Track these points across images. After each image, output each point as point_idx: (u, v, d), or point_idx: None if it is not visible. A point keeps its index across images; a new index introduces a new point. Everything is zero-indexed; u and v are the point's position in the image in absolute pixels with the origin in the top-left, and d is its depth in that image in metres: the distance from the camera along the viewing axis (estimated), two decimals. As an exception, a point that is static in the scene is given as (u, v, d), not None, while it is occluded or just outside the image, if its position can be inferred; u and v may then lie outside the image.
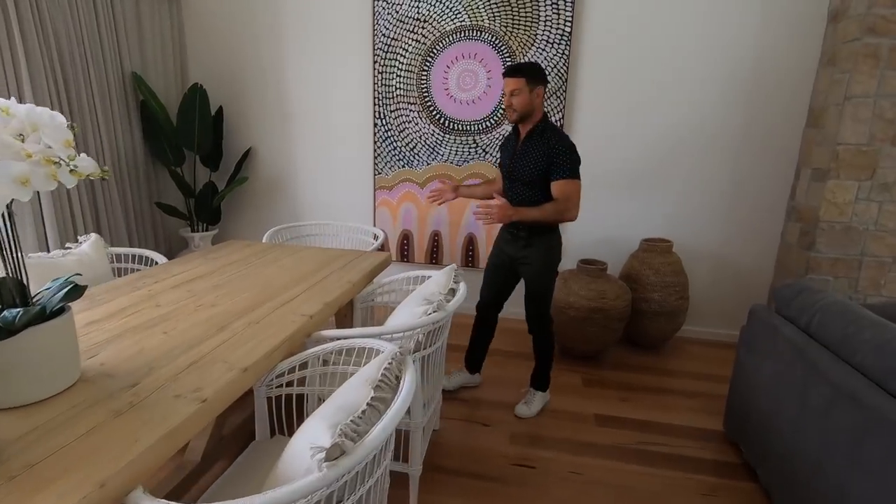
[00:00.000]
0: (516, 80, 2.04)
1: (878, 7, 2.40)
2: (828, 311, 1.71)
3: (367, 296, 2.17)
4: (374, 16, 3.19)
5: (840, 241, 2.68)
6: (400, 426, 1.62)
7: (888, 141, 2.53)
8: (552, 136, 2.08)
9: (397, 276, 2.17)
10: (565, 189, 2.05)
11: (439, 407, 2.14)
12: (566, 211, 2.08)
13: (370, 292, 2.16)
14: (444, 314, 1.59)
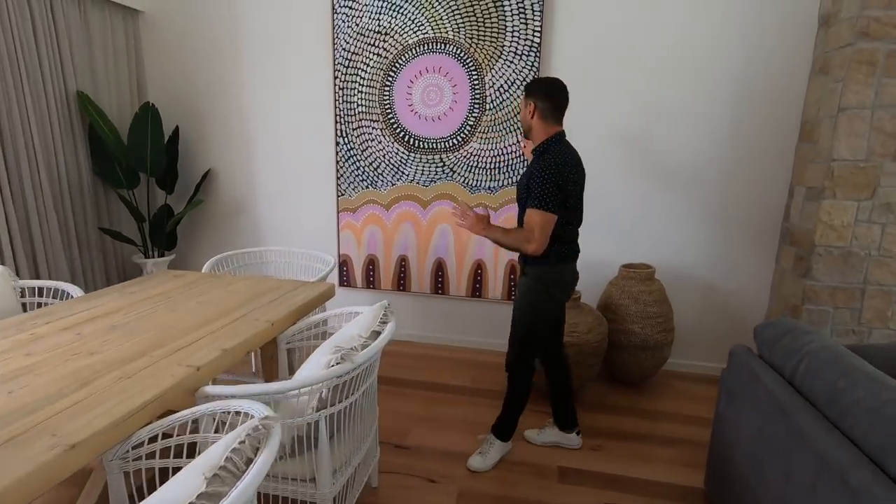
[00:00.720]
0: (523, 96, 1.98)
1: (871, 9, 2.16)
2: (816, 358, 1.44)
3: (296, 334, 1.93)
4: (333, 29, 3.02)
5: (839, 267, 2.39)
6: (304, 496, 1.38)
7: (889, 156, 2.26)
8: (544, 159, 1.85)
9: (326, 314, 1.93)
10: (530, 219, 1.84)
11: (376, 463, 1.88)
12: (525, 241, 1.85)
13: (299, 331, 1.92)
14: (351, 366, 1.35)
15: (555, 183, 1.79)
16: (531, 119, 1.91)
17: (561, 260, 1.94)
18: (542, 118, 1.89)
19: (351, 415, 1.51)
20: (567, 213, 1.88)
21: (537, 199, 1.81)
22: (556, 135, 1.90)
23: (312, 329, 1.93)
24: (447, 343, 3.30)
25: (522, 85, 2.85)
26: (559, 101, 1.90)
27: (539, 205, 1.81)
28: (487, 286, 3.17)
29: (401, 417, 2.43)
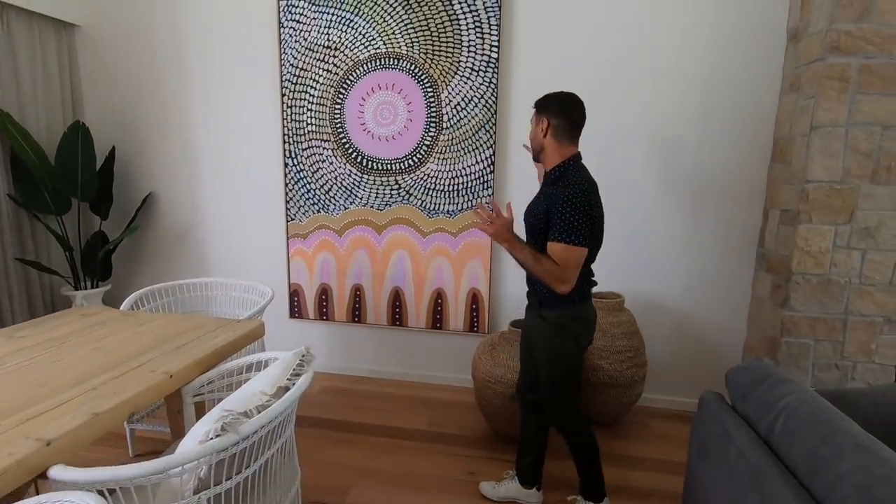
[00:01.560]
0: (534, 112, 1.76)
1: (840, 22, 2.03)
2: (794, 415, 1.23)
3: (208, 384, 1.67)
4: (280, 44, 2.83)
5: (818, 296, 2.21)
6: None
7: (866, 177, 2.11)
8: (559, 184, 1.65)
9: (237, 363, 1.68)
10: (563, 255, 1.60)
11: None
12: (560, 280, 1.61)
13: (209, 380, 1.66)
14: (235, 439, 1.10)
15: (584, 212, 1.58)
16: (543, 138, 1.70)
17: (584, 297, 1.73)
18: (555, 137, 1.68)
19: (249, 489, 1.26)
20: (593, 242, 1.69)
21: (565, 232, 1.58)
22: (574, 157, 1.70)
23: (225, 379, 1.67)
24: (405, 379, 3.05)
25: (481, 102, 2.68)
26: (576, 117, 1.68)
27: (567, 238, 1.58)
28: (448, 317, 2.94)
29: (342, 470, 2.17)
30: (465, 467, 2.21)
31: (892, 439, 1.33)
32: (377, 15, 2.70)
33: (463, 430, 2.51)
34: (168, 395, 1.63)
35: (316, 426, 2.53)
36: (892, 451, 1.03)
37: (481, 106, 2.69)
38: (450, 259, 2.87)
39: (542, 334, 1.76)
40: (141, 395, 1.38)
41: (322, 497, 1.99)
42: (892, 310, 2.17)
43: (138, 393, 1.38)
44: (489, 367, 2.32)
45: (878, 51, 2.01)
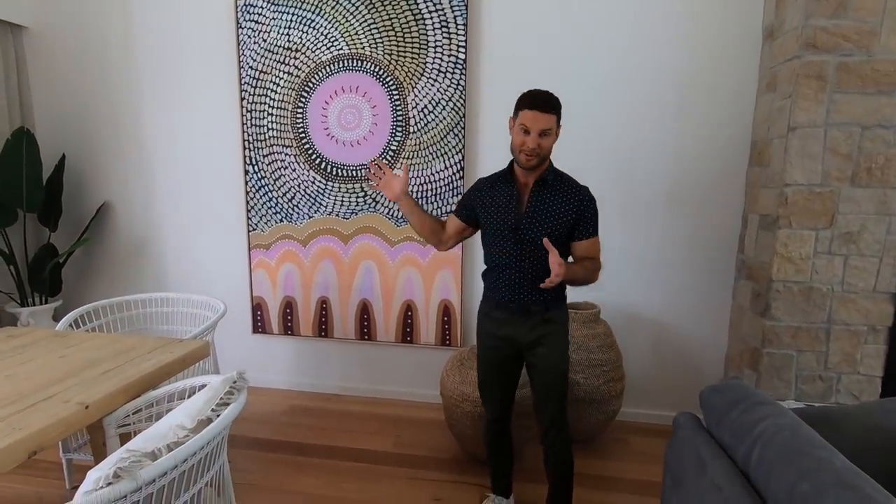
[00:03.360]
0: (549, 118, 1.53)
1: (815, 17, 1.94)
2: (771, 443, 1.10)
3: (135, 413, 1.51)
4: (238, 45, 2.69)
5: (800, 305, 2.11)
6: None
7: (847, 180, 2.01)
8: (571, 183, 1.65)
9: (168, 388, 1.53)
10: (595, 247, 1.68)
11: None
12: (595, 271, 1.65)
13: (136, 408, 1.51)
14: (132, 487, 0.95)
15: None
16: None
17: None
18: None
19: (161, 540, 1.10)
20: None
21: (596, 225, 1.67)
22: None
23: (154, 407, 1.52)
24: (373, 395, 2.90)
25: (449, 105, 2.56)
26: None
27: (596, 231, 1.67)
28: (419, 330, 2.80)
29: (296, 500, 2.01)
30: (430, 493, 2.06)
31: (879, 466, 1.21)
32: (339, 15, 2.58)
33: (431, 451, 2.36)
34: (91, 427, 1.48)
35: (276, 450, 2.37)
36: (878, 488, 0.91)
37: (449, 109, 2.57)
38: (419, 269, 2.74)
39: (556, 338, 1.68)
40: (46, 431, 1.22)
41: (272, 531, 1.84)
42: (876, 318, 2.07)
43: (47, 426, 1.22)
44: (457, 384, 2.18)
45: (856, 47, 1.93)
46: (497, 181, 1.71)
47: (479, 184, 1.76)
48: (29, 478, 2.13)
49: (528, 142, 1.53)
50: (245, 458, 2.27)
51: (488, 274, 1.73)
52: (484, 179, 1.76)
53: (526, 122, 1.52)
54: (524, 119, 1.53)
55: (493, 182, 1.72)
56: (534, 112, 1.51)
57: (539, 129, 1.52)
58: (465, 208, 1.77)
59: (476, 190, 1.75)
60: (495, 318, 1.71)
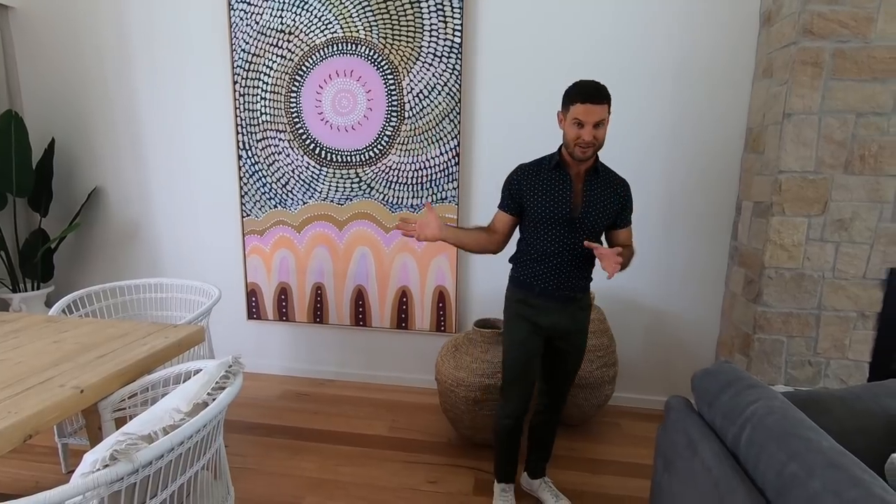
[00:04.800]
0: (601, 108, 1.54)
1: (813, 3, 1.93)
2: (761, 425, 1.12)
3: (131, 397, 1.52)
4: (230, 28, 2.65)
5: (791, 291, 2.13)
6: None
7: (840, 167, 2.02)
8: (614, 174, 1.74)
9: (164, 373, 1.53)
10: (630, 235, 1.81)
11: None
12: (633, 256, 1.79)
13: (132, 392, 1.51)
14: (129, 469, 0.95)
15: None
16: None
17: None
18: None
19: (158, 521, 1.11)
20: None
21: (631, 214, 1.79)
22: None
23: (150, 391, 1.52)
24: (368, 381, 2.92)
25: (444, 90, 2.54)
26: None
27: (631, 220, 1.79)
28: (414, 316, 2.81)
29: (295, 482, 2.03)
30: (425, 476, 2.09)
31: (867, 448, 1.24)
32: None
33: (426, 435, 2.38)
34: (86, 410, 1.48)
35: (271, 434, 2.38)
36: (866, 469, 0.93)
37: (445, 94, 2.55)
38: (414, 256, 2.74)
39: (586, 324, 1.78)
40: (42, 415, 1.22)
41: (269, 513, 1.86)
42: (865, 304, 2.10)
43: (41, 410, 1.22)
44: (452, 370, 2.19)
45: (852, 34, 1.93)
46: (543, 169, 1.67)
47: (521, 172, 1.69)
48: (25, 462, 2.13)
49: (584, 135, 1.53)
50: (241, 443, 2.28)
51: (528, 262, 1.69)
52: (526, 166, 1.70)
53: (579, 116, 1.53)
54: (577, 113, 1.53)
55: (539, 170, 1.67)
56: (586, 105, 1.52)
57: (593, 121, 1.52)
58: (512, 200, 1.69)
59: (521, 179, 1.68)
60: (535, 305, 1.68)
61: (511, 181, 1.70)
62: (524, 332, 1.70)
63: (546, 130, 2.52)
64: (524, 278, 1.71)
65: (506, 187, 1.71)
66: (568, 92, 1.58)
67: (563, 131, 1.61)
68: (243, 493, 1.93)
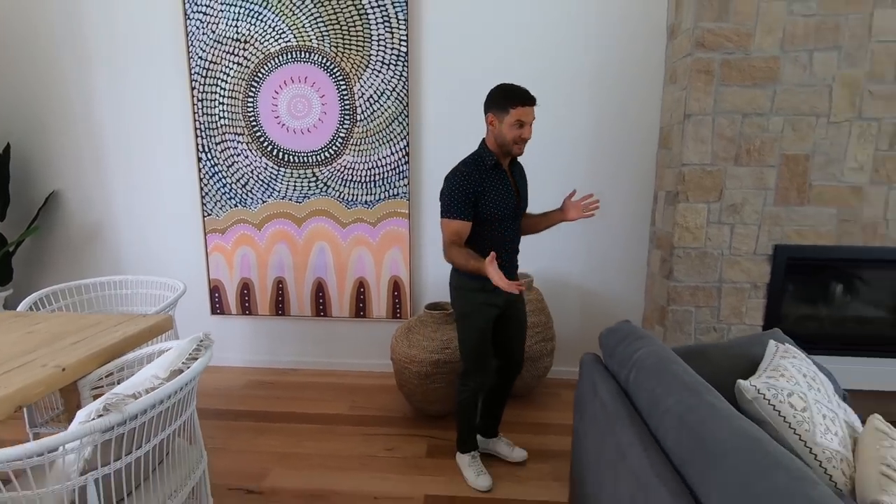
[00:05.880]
0: (534, 109, 1.78)
1: (704, 21, 2.27)
2: (642, 366, 1.40)
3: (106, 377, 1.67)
4: (187, 36, 2.78)
5: (696, 267, 2.47)
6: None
7: (731, 160, 2.37)
8: (518, 162, 2.00)
9: (139, 353, 1.69)
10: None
11: (207, 517, 1.66)
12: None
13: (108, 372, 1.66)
14: (120, 418, 1.14)
15: None
16: None
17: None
18: None
19: (144, 471, 1.29)
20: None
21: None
22: None
23: (125, 371, 1.67)
24: (330, 368, 3.11)
25: (393, 95, 2.76)
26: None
27: None
28: (371, 305, 3.01)
29: (261, 457, 2.21)
30: (383, 445, 2.31)
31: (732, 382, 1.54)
32: (286, 8, 2.72)
33: (383, 411, 2.60)
34: (65, 391, 1.63)
35: (238, 418, 2.54)
36: (710, 389, 1.22)
37: (393, 98, 2.77)
38: (370, 248, 2.95)
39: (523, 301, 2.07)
40: (29, 388, 1.37)
41: (239, 482, 2.03)
42: (756, 276, 2.46)
43: (26, 385, 1.37)
44: (405, 348, 2.42)
45: (736, 47, 2.27)
46: (486, 170, 1.81)
47: (470, 179, 1.78)
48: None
49: (525, 133, 1.76)
50: (209, 427, 2.43)
51: (483, 254, 1.76)
52: (470, 173, 1.79)
53: (521, 117, 1.74)
54: (519, 114, 1.73)
55: (482, 171, 1.81)
56: (525, 108, 1.73)
57: (531, 120, 1.76)
58: (471, 207, 1.79)
59: (473, 185, 1.78)
60: (493, 290, 1.80)
61: (467, 190, 1.77)
62: (483, 320, 1.90)
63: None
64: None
65: (461, 196, 1.76)
66: (503, 96, 1.76)
67: (498, 133, 1.79)
68: (212, 468, 2.09)
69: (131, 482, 1.28)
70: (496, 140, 1.82)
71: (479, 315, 1.91)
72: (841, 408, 1.41)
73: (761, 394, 1.32)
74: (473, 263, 1.74)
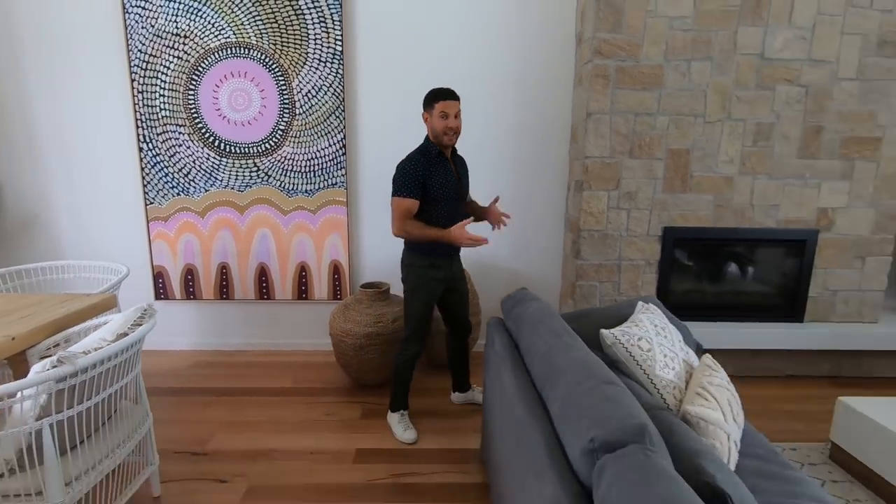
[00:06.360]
0: (457, 103, 2.10)
1: (601, 32, 2.61)
2: (528, 319, 1.71)
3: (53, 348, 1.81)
4: (126, 30, 2.87)
5: (599, 248, 2.83)
6: (30, 512, 1.31)
7: (626, 153, 2.74)
8: (459, 154, 2.31)
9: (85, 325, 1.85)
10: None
11: (154, 471, 1.84)
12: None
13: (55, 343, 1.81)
14: (72, 369, 1.32)
15: None
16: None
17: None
18: None
19: (94, 421, 1.47)
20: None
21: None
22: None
23: (72, 341, 1.82)
24: (275, 348, 3.29)
25: (330, 90, 2.96)
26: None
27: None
28: (313, 287, 3.22)
29: (206, 426, 2.38)
30: (323, 410, 2.54)
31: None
32: (225, 6, 2.86)
33: (324, 383, 2.82)
34: (14, 362, 1.76)
35: (184, 395, 2.69)
36: (569, 332, 1.53)
37: (331, 94, 2.98)
38: (311, 234, 3.14)
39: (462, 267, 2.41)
40: (-20, 355, 1.51)
41: (185, 447, 2.21)
42: (649, 254, 2.84)
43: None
44: (342, 323, 2.65)
45: (627, 56, 2.63)
46: (431, 158, 2.13)
47: (418, 164, 2.10)
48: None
49: (450, 122, 2.08)
50: (156, 402, 2.56)
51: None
52: (418, 159, 2.11)
53: (445, 109, 2.07)
54: (442, 107, 2.07)
55: (428, 159, 2.13)
56: (447, 101, 2.08)
57: (454, 112, 2.09)
58: (418, 188, 2.10)
59: (421, 170, 2.10)
60: (441, 265, 2.22)
61: (416, 173, 2.09)
62: (431, 294, 2.24)
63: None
64: (430, 246, 2.16)
65: (411, 179, 2.09)
66: (429, 96, 2.13)
67: (431, 126, 2.13)
68: (159, 437, 2.25)
69: (83, 431, 1.46)
70: (432, 133, 2.15)
71: (427, 289, 2.24)
72: (683, 350, 1.77)
73: (618, 339, 1.65)
74: (431, 232, 2.10)
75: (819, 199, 2.78)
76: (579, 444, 0.98)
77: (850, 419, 2.05)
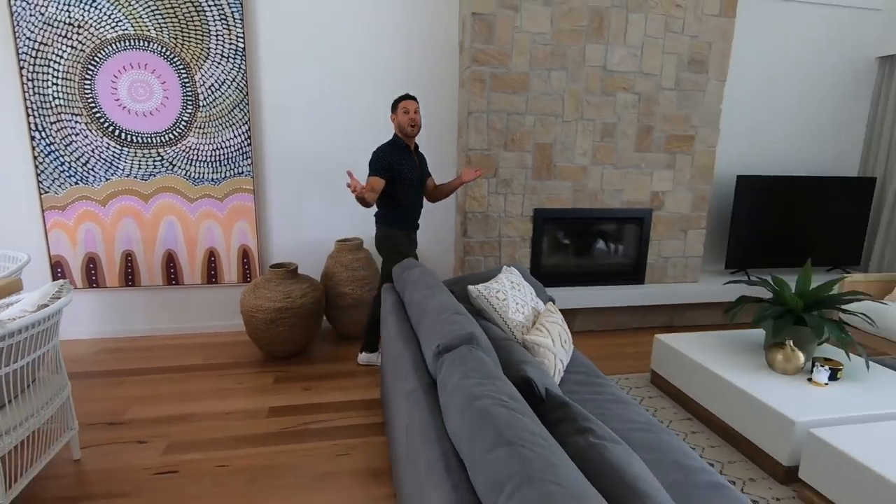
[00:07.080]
0: (416, 102, 2.64)
1: (476, 42, 3.06)
2: (410, 281, 2.10)
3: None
4: (12, 16, 2.84)
5: (482, 227, 3.31)
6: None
7: (502, 147, 3.23)
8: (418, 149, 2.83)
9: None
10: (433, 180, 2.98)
11: (74, 436, 2.00)
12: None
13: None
14: (1, 333, 1.50)
15: None
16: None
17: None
18: None
19: (16, 385, 1.64)
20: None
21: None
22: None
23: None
24: (184, 332, 3.42)
25: (233, 84, 3.14)
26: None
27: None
28: (223, 271, 3.38)
29: (120, 401, 2.52)
30: (235, 381, 2.76)
31: (473, 292, 2.32)
32: (121, -2, 2.93)
33: (235, 358, 3.04)
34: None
35: (91, 377, 2.77)
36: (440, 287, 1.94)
37: (234, 88, 3.16)
38: (218, 221, 3.31)
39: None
40: None
41: (101, 419, 2.35)
42: (524, 232, 3.38)
43: None
44: (252, 300, 2.88)
45: (499, 63, 3.11)
46: (398, 150, 2.64)
47: (390, 154, 2.61)
48: None
49: (412, 116, 2.61)
50: (63, 385, 2.64)
51: (403, 210, 2.72)
52: (389, 151, 2.62)
53: (407, 107, 2.62)
54: (405, 106, 2.62)
55: (397, 151, 2.64)
56: (407, 101, 2.63)
57: (413, 109, 2.63)
58: (386, 170, 2.59)
59: (391, 159, 2.61)
60: (411, 234, 2.81)
61: (387, 160, 2.60)
62: (408, 251, 2.74)
63: (320, 118, 3.32)
64: (404, 221, 2.76)
65: (382, 163, 2.59)
66: (394, 101, 2.66)
67: (398, 123, 2.64)
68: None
69: (9, 393, 1.62)
70: (398, 128, 2.67)
71: (407, 247, 2.76)
72: (534, 301, 2.26)
73: (480, 293, 2.10)
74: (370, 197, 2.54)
75: (652, 184, 3.48)
76: (431, 352, 1.39)
77: (663, 352, 2.70)
